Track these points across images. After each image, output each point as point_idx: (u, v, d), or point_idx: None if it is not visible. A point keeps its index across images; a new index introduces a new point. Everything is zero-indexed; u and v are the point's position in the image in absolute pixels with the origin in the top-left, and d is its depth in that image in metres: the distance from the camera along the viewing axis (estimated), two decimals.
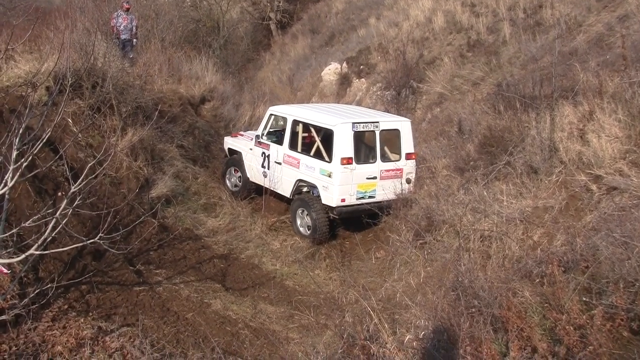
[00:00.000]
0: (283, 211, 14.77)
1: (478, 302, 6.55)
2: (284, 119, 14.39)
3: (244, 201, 14.68)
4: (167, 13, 27.10)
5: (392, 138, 13.75)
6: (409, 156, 13.59)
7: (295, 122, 13.90)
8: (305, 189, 13.84)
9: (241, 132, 16.64)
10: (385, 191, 13.30)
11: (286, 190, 14.07)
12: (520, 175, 10.55)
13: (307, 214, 13.45)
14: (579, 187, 9.62)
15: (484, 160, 11.84)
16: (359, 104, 21.88)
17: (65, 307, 9.19)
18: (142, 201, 12.48)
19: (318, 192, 13.32)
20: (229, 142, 16.07)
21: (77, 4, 19.74)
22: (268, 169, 14.28)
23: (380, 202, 13.28)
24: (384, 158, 13.47)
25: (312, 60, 30.10)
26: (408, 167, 13.58)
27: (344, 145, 12.81)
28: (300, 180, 13.73)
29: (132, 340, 8.65)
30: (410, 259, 10.88)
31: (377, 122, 13.41)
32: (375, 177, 13.30)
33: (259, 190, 14.97)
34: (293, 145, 13.88)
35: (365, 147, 13.75)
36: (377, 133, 13.31)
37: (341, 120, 13.03)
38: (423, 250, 10.69)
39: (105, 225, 8.15)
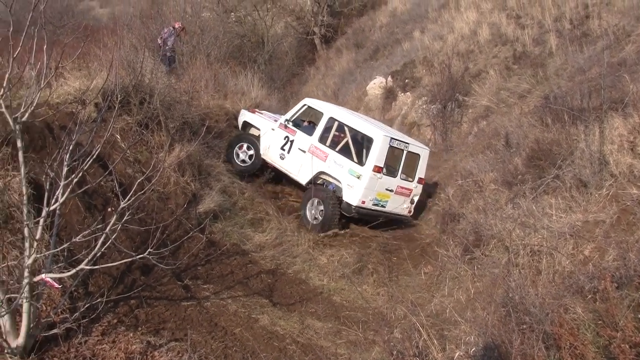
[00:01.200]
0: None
1: (529, 318, 6.47)
2: (319, 113, 15.37)
3: (290, 215, 14.69)
4: (212, 29, 27.29)
5: (412, 161, 15.04)
6: (420, 180, 15.15)
7: (332, 120, 14.85)
8: (319, 181, 14.99)
9: (259, 110, 17.15)
10: (393, 205, 14.80)
11: (303, 178, 15.11)
12: (570, 189, 10.39)
13: (320, 205, 14.54)
14: (630, 200, 9.45)
15: (532, 174, 11.69)
16: (404, 118, 21.84)
17: (115, 321, 9.27)
18: (190, 216, 12.54)
19: (334, 187, 14.57)
20: (247, 116, 16.66)
21: (125, 21, 20.04)
22: (288, 153, 15.33)
23: (388, 213, 14.83)
24: (403, 176, 14.85)
25: (357, 75, 30.09)
26: (417, 189, 15.14)
27: (379, 154, 13.95)
28: (322, 172, 14.81)
29: (180, 355, 8.69)
30: (459, 274, 10.80)
31: (408, 143, 14.83)
32: (392, 190, 14.63)
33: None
34: (323, 139, 14.93)
35: (392, 161, 14.54)
36: (404, 153, 14.69)
37: (383, 132, 14.20)
38: (472, 266, 10.59)
39: (154, 241, 8.21)
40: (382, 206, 14.67)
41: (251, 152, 15.84)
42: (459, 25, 24.72)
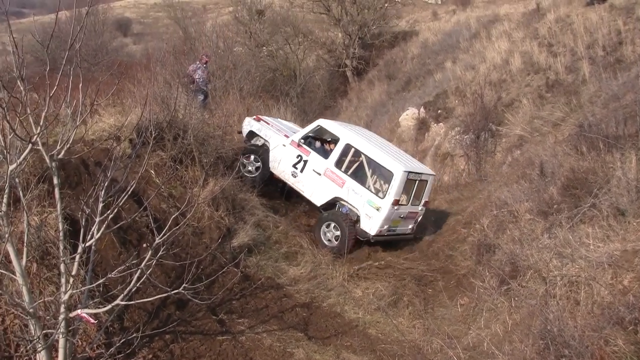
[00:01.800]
0: (365, 259, 14.75)
1: (569, 351, 6.36)
2: (334, 137, 15.87)
3: (324, 249, 14.66)
4: (245, 63, 27.57)
5: (422, 188, 15.91)
6: (426, 203, 16.23)
7: (349, 146, 15.25)
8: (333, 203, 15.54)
9: (264, 117, 17.33)
10: (402, 228, 15.71)
11: (318, 200, 15.59)
12: (607, 218, 10.22)
13: (336, 230, 15.01)
14: None
15: (567, 203, 11.55)
16: (437, 148, 21.76)
17: (150, 356, 9.29)
18: (224, 251, 12.56)
19: (347, 210, 15.18)
20: (254, 126, 16.79)
21: (158, 57, 20.29)
22: (301, 172, 15.71)
23: (396, 235, 15.70)
24: (413, 202, 15.63)
25: (389, 106, 30.10)
26: (422, 211, 16.14)
27: (398, 188, 14.61)
28: (338, 198, 15.31)
29: None
30: (495, 306, 10.65)
31: (421, 173, 15.64)
32: (403, 217, 15.45)
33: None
34: (339, 164, 15.27)
35: (406, 191, 15.18)
36: (417, 182, 15.50)
37: (402, 166, 14.75)
38: (508, 297, 10.45)
39: (189, 276, 8.23)
40: (394, 230, 15.44)
41: (258, 163, 16.05)
42: (490, 54, 24.68)
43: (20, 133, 7.22)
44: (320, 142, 16.74)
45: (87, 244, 7.59)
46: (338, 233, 14.90)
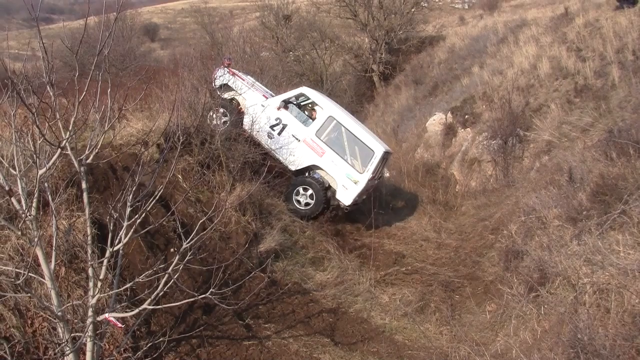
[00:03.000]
0: (391, 264, 14.70)
1: None
2: (317, 107, 16.61)
3: (350, 254, 14.63)
4: (272, 68, 27.62)
5: (384, 163, 17.61)
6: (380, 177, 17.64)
7: (331, 119, 16.06)
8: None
9: (239, 73, 17.52)
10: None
11: (294, 165, 16.29)
12: (638, 225, 10.07)
13: (310, 196, 15.88)
14: None
15: (597, 210, 11.41)
16: (465, 154, 21.64)
17: None
18: (251, 255, 12.58)
19: (319, 175, 16.19)
20: (227, 79, 16.99)
21: (185, 62, 20.36)
22: (278, 135, 16.29)
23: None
24: (378, 175, 16.86)
25: (416, 111, 30.01)
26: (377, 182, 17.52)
27: (377, 165, 15.90)
28: (316, 166, 16.19)
29: None
30: (524, 313, 10.54)
31: (389, 152, 17.21)
32: (370, 189, 16.57)
33: None
34: (320, 134, 15.95)
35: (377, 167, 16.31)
36: (386, 159, 17.29)
37: (382, 147, 16.13)
38: (537, 304, 10.35)
39: (216, 280, 8.25)
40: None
41: (227, 118, 16.10)
42: (518, 59, 24.51)
43: (49, 138, 7.27)
44: (299, 108, 17.24)
45: (115, 248, 7.63)
46: (311, 200, 15.78)
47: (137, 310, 7.73)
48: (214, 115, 16.04)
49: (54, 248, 7.82)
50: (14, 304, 8.60)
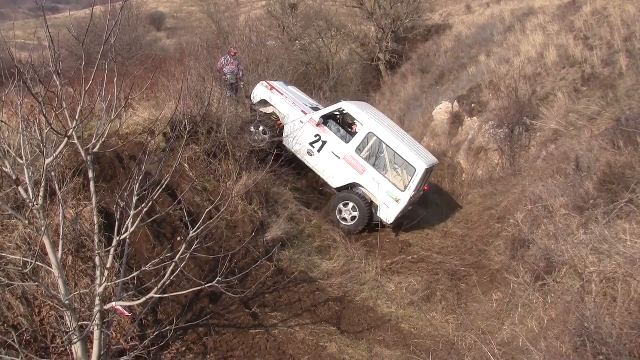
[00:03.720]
0: (397, 253, 14.69)
1: (606, 349, 6.26)
2: (358, 123, 16.17)
3: (357, 243, 14.66)
4: (278, 57, 27.54)
5: (428, 176, 16.85)
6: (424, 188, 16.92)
7: (371, 135, 15.59)
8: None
9: (278, 87, 17.24)
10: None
11: (336, 183, 15.99)
12: None
13: (353, 209, 15.53)
14: None
15: (604, 199, 11.39)
16: (471, 143, 21.58)
17: (184, 349, 9.36)
18: (258, 244, 12.60)
19: (361, 192, 15.69)
20: (268, 96, 16.84)
21: (191, 51, 20.33)
22: (318, 152, 15.89)
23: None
24: (420, 189, 16.12)
25: (423, 100, 29.93)
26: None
27: (419, 183, 15.33)
28: (357, 184, 15.78)
29: None
30: (530, 302, 10.56)
31: (433, 165, 16.55)
32: (413, 203, 16.13)
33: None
34: (360, 151, 15.61)
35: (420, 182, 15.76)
36: (430, 172, 16.54)
37: (424, 163, 15.45)
38: (543, 293, 10.35)
39: (223, 269, 8.27)
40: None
41: (355, 213, 15.76)
42: (525, 48, 24.41)
43: (56, 127, 7.28)
44: (339, 124, 16.86)
45: (122, 237, 7.65)
46: (355, 214, 15.41)
47: (144, 299, 7.76)
48: (254, 132, 16.03)
49: (61, 237, 7.83)
50: (21, 292, 8.63)
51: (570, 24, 23.63)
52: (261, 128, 16.10)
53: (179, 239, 10.98)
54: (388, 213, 15.36)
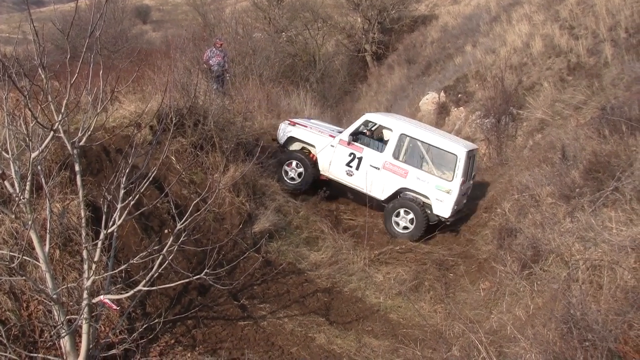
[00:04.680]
0: (385, 243, 14.72)
1: (592, 335, 6.31)
2: (386, 129, 16.07)
3: (345, 234, 14.68)
4: (264, 49, 27.55)
5: (473, 163, 16.20)
6: (473, 177, 16.62)
7: (404, 136, 15.31)
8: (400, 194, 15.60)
9: (298, 121, 17.06)
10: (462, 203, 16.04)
11: (382, 194, 15.62)
12: (630, 202, 10.13)
13: (406, 213, 15.21)
14: None
15: (590, 187, 11.45)
16: (458, 133, 21.64)
17: (172, 341, 9.37)
18: (245, 236, 12.60)
19: (412, 196, 15.34)
20: (293, 132, 16.58)
21: (177, 44, 20.30)
22: (357, 169, 15.63)
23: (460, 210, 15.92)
24: (469, 177, 15.91)
25: (409, 91, 29.99)
26: (471, 185, 16.53)
27: (463, 168, 14.88)
28: (404, 189, 15.37)
29: None
30: (517, 290, 10.61)
31: (473, 149, 16.15)
32: (465, 194, 15.86)
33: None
34: (397, 155, 15.29)
35: (465, 169, 15.32)
36: (473, 157, 15.93)
37: (463, 147, 15.19)
38: (530, 281, 10.41)
39: (210, 261, 8.28)
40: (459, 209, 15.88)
41: (300, 169, 15.94)
42: (511, 38, 24.47)
43: (42, 121, 7.26)
44: (367, 136, 16.57)
45: (109, 231, 7.66)
46: (411, 216, 15.16)
47: (132, 292, 7.77)
48: (289, 170, 15.99)
49: (48, 231, 7.83)
50: (9, 287, 8.61)
51: (556, 13, 23.69)
52: (294, 163, 16.00)
53: (166, 231, 10.97)
54: (443, 207, 15.02)
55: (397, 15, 40.59)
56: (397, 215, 15.25)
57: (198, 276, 7.98)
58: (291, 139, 16.60)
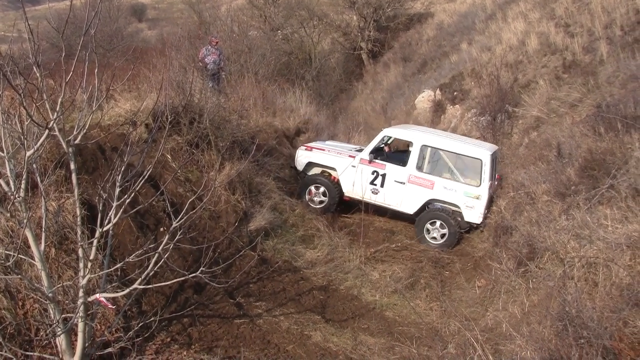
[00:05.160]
0: (381, 241, 14.73)
1: (587, 332, 6.32)
2: (406, 142, 15.79)
3: (340, 231, 14.69)
4: (260, 47, 27.55)
5: (496, 164, 15.92)
6: (498, 177, 16.04)
7: (425, 147, 15.12)
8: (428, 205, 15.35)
9: (315, 145, 16.90)
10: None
11: (411, 209, 15.35)
12: (625, 199, 10.15)
13: (441, 226, 14.89)
14: None
15: (585, 185, 11.47)
16: (454, 130, 21.68)
17: (168, 340, 9.35)
18: (241, 234, 12.60)
19: (441, 206, 15.10)
20: (311, 157, 16.41)
21: (173, 42, 20.29)
22: (382, 187, 15.42)
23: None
24: (494, 178, 15.50)
25: (405, 89, 30.03)
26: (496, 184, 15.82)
27: (489, 172, 14.76)
28: (433, 200, 15.19)
29: None
30: (513, 288, 10.63)
31: (495, 151, 15.78)
32: (493, 198, 15.27)
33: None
34: (420, 167, 15.11)
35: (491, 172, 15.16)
36: (496, 159, 15.70)
37: (487, 151, 15.03)
38: (526, 279, 10.43)
39: (206, 259, 8.27)
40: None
41: (322, 189, 15.82)
42: (506, 35, 24.52)
43: (37, 119, 7.25)
44: (389, 149, 16.63)
45: (105, 229, 7.64)
46: (444, 231, 14.87)
47: (127, 290, 7.76)
48: (314, 194, 15.87)
49: (43, 229, 7.81)
50: (4, 286, 8.59)
51: (551, 11, 23.75)
52: (322, 189, 15.86)
53: (162, 229, 10.97)
54: (474, 213, 14.81)
55: (392, 13, 40.68)
56: (429, 228, 15.04)
57: (194, 274, 7.96)
58: (310, 164, 16.45)
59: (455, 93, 23.87)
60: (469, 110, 21.89)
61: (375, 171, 15.45)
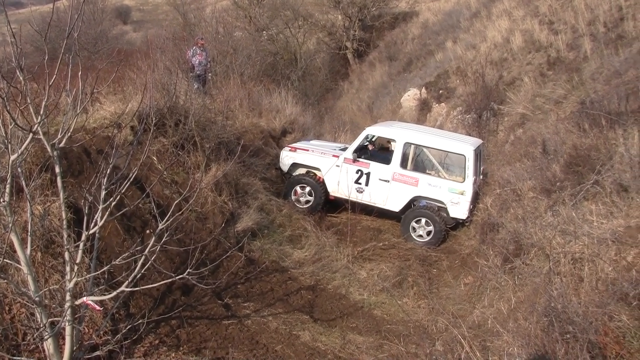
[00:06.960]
0: (368, 240, 14.76)
1: (573, 327, 6.37)
2: (392, 140, 15.73)
3: (328, 231, 14.71)
4: (245, 48, 27.49)
5: (480, 158, 15.85)
6: (483, 171, 16.16)
7: (408, 144, 15.15)
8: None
9: (301, 146, 16.85)
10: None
11: (396, 206, 15.36)
12: (610, 195, 10.21)
13: (427, 224, 14.92)
14: None
15: (570, 181, 11.53)
16: (440, 128, 21.72)
17: (157, 342, 9.33)
18: (228, 235, 12.59)
19: (425, 203, 15.12)
20: (295, 157, 16.39)
21: (158, 44, 20.24)
22: (367, 185, 15.43)
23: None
24: (479, 173, 15.62)
25: (391, 87, 30.09)
26: (482, 180, 15.88)
27: (472, 167, 14.72)
28: (417, 197, 15.19)
29: None
30: (500, 285, 10.68)
31: (479, 145, 15.67)
32: (478, 193, 15.21)
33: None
34: (405, 165, 15.10)
35: (475, 167, 15.20)
36: (480, 153, 15.66)
37: (470, 146, 14.95)
38: (512, 275, 10.48)
39: (193, 261, 8.26)
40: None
41: (307, 189, 15.82)
42: (491, 33, 24.61)
43: (21, 123, 7.22)
44: (372, 147, 16.61)
45: (91, 232, 7.62)
46: (430, 228, 14.89)
47: (115, 293, 7.74)
48: (299, 195, 15.85)
49: (29, 233, 7.78)
50: None
51: (535, 8, 23.85)
52: (307, 189, 15.84)
53: (148, 231, 10.94)
54: (459, 209, 14.81)
55: (377, 13, 40.76)
56: (415, 226, 15.07)
57: (181, 276, 7.95)
58: (295, 165, 16.43)
59: (440, 91, 23.94)
60: (455, 108, 21.96)
61: (359, 170, 15.47)
